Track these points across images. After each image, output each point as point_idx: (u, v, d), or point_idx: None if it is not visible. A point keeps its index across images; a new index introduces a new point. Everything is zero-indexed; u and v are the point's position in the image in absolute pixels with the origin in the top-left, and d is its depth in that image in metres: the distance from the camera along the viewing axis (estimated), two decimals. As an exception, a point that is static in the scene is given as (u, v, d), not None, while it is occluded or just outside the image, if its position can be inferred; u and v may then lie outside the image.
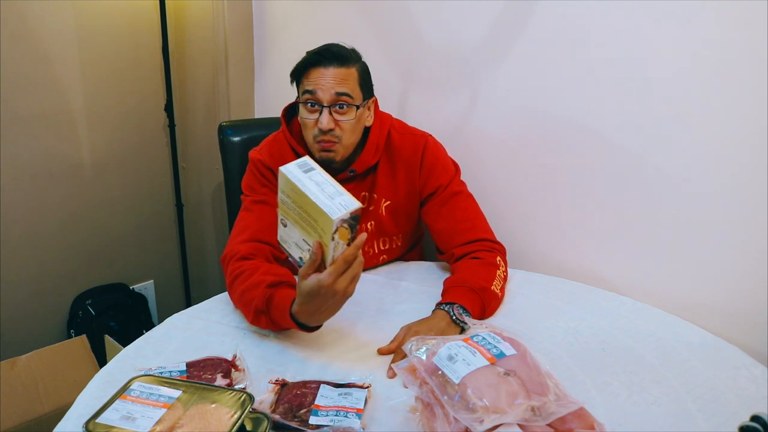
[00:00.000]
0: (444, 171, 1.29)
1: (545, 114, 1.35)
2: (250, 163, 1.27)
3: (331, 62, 1.16)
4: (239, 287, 1.08)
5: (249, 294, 1.05)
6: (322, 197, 0.87)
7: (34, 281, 1.85)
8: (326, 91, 1.15)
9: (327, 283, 0.89)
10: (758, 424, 0.68)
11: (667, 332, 1.11)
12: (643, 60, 1.18)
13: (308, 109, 1.18)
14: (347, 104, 1.16)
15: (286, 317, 0.99)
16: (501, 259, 1.23)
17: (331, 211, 0.85)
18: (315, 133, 1.18)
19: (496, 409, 0.74)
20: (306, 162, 0.93)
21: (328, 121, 1.15)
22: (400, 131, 1.30)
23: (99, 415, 0.75)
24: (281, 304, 1.00)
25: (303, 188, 0.88)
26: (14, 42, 1.64)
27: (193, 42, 2.01)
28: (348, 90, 1.16)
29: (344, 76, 1.16)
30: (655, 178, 1.22)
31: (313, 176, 0.90)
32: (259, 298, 1.03)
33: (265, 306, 1.02)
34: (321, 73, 1.16)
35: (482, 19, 1.40)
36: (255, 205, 1.22)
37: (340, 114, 1.17)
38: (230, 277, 1.12)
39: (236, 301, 1.12)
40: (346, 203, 0.87)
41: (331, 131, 1.16)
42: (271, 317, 1.02)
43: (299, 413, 0.83)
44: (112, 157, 1.96)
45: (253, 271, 1.09)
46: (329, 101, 1.16)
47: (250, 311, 1.05)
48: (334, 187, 0.89)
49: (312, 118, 1.17)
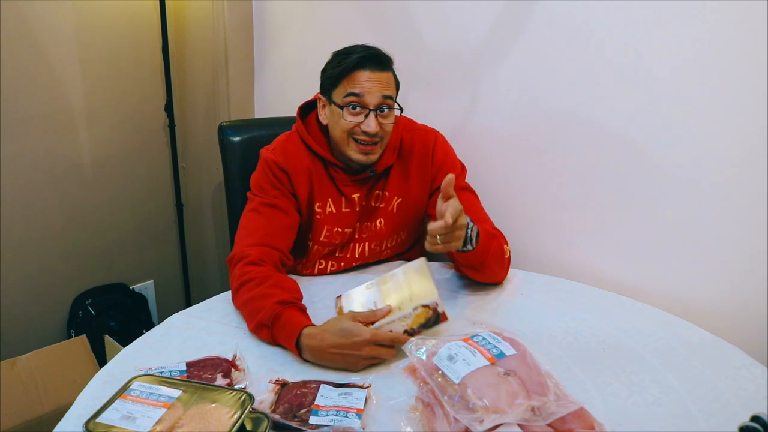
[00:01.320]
0: (453, 166, 1.30)
1: (545, 113, 1.35)
2: (263, 161, 1.26)
3: (377, 66, 1.17)
4: (246, 294, 1.08)
5: (256, 303, 1.05)
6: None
7: (34, 281, 1.85)
8: (374, 95, 1.16)
9: (366, 336, 0.95)
10: (758, 424, 0.68)
11: (667, 332, 1.11)
12: (644, 58, 1.18)
13: (351, 112, 1.18)
14: (390, 107, 1.18)
15: (290, 341, 0.99)
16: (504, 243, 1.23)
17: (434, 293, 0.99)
18: (355, 134, 1.18)
19: (496, 409, 0.74)
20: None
21: (375, 124, 1.17)
22: (410, 129, 1.32)
23: (99, 414, 0.75)
24: (287, 326, 1.00)
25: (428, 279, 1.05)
26: (14, 42, 1.64)
27: (193, 42, 2.01)
28: (392, 93, 1.18)
29: (388, 80, 1.18)
30: (656, 178, 1.22)
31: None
32: (266, 312, 1.02)
33: (270, 322, 1.02)
34: (367, 76, 1.16)
35: (483, 18, 1.40)
36: (265, 208, 1.22)
37: (384, 117, 1.18)
38: (237, 281, 1.11)
39: (240, 306, 1.12)
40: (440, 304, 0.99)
41: (376, 134, 1.18)
42: (273, 334, 1.02)
43: (299, 413, 0.83)
44: (112, 157, 1.96)
45: (261, 281, 1.09)
46: (375, 105, 1.16)
47: (253, 321, 1.05)
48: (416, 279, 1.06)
49: (355, 121, 1.18)
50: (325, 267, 1.32)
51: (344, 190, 1.26)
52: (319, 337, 0.97)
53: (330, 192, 1.27)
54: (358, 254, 1.32)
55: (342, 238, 1.29)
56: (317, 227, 1.27)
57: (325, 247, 1.29)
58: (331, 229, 1.27)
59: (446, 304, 1.11)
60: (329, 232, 1.27)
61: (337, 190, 1.27)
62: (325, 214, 1.27)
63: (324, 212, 1.27)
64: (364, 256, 1.33)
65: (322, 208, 1.26)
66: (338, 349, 0.95)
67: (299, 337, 0.98)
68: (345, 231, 1.28)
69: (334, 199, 1.27)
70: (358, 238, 1.31)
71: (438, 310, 0.97)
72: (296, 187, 1.24)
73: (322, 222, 1.27)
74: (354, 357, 0.95)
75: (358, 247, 1.32)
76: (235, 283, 1.12)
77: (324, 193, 1.26)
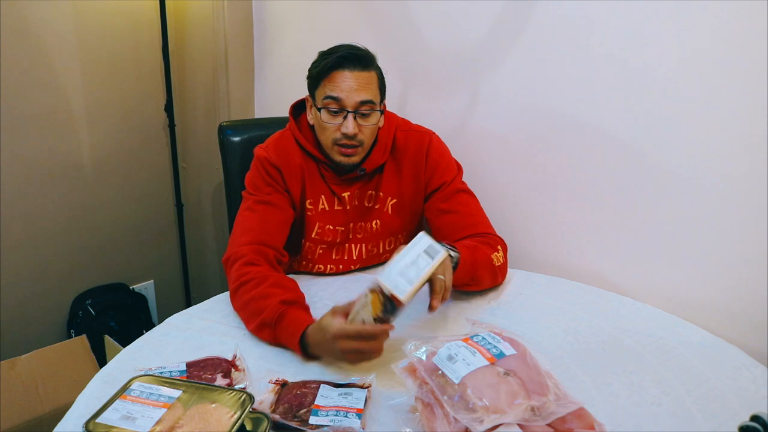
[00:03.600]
0: (448, 168, 1.30)
1: (545, 113, 1.35)
2: (256, 160, 1.26)
3: (355, 66, 1.15)
4: (245, 295, 1.08)
5: (257, 304, 1.05)
6: (396, 266, 0.92)
7: (34, 281, 1.85)
8: (351, 97, 1.14)
9: (333, 331, 0.92)
10: (758, 424, 0.68)
11: (667, 332, 1.11)
12: (644, 59, 1.18)
13: (330, 114, 1.17)
14: (371, 110, 1.17)
15: (293, 341, 0.99)
16: (501, 248, 1.23)
17: (382, 275, 0.90)
18: (336, 137, 1.18)
19: (495, 409, 0.74)
20: (437, 245, 0.95)
21: (353, 126, 1.15)
22: (405, 129, 1.31)
23: (99, 415, 0.75)
24: (291, 326, 1.00)
25: (400, 253, 0.94)
26: (14, 42, 1.64)
27: (193, 42, 2.01)
28: (371, 96, 1.16)
29: (367, 81, 1.16)
30: (656, 177, 1.22)
31: (422, 253, 0.94)
32: (270, 311, 1.02)
33: (273, 321, 1.01)
34: (345, 77, 1.14)
35: (482, 19, 1.40)
36: (259, 206, 1.22)
37: (364, 119, 1.17)
38: (235, 283, 1.11)
39: (239, 308, 1.11)
40: (398, 285, 0.89)
41: (355, 136, 1.17)
42: (276, 334, 1.02)
43: (299, 413, 0.83)
44: (112, 157, 1.96)
45: (261, 281, 1.08)
46: (354, 107, 1.15)
47: (255, 321, 1.05)
48: (418, 273, 0.92)
49: (334, 123, 1.17)
50: (324, 269, 1.32)
51: (334, 189, 1.27)
52: (313, 335, 0.97)
53: (322, 189, 1.27)
54: (355, 256, 1.32)
55: (334, 236, 1.29)
56: (309, 224, 1.27)
57: (317, 245, 1.29)
58: (323, 226, 1.28)
59: (446, 304, 1.10)
60: (321, 229, 1.28)
61: (328, 188, 1.27)
62: (317, 211, 1.27)
63: (316, 209, 1.27)
64: (362, 258, 1.33)
65: (314, 205, 1.27)
66: (323, 344, 0.95)
67: (303, 335, 0.98)
68: (337, 229, 1.28)
69: (327, 196, 1.27)
70: (353, 239, 1.31)
71: (385, 292, 0.89)
72: (288, 183, 1.24)
73: (314, 219, 1.27)
74: (336, 352, 0.94)
75: (355, 249, 1.32)
76: (234, 284, 1.12)
77: (316, 191, 1.26)
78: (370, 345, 0.93)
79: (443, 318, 1.14)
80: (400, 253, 0.95)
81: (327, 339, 0.93)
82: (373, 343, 0.93)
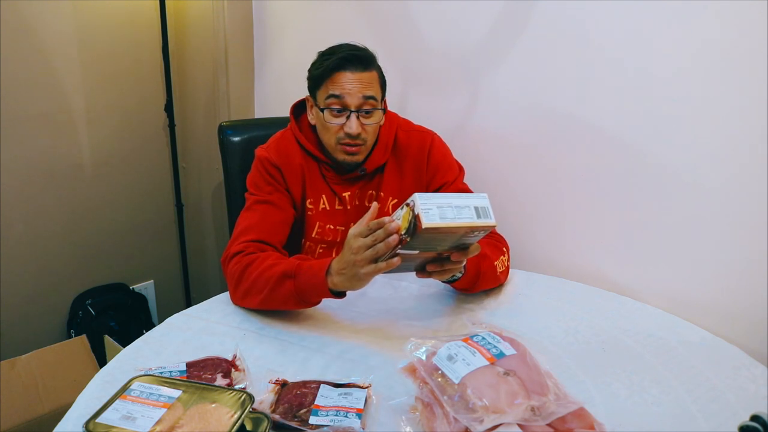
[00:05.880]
0: (450, 168, 1.30)
1: (545, 113, 1.35)
2: (257, 160, 1.27)
3: (357, 66, 1.16)
4: (253, 272, 1.08)
5: (270, 271, 1.06)
6: (441, 199, 0.89)
7: (34, 281, 1.85)
8: (354, 96, 1.15)
9: (348, 235, 0.93)
10: (758, 424, 0.68)
11: (667, 332, 1.11)
12: (644, 59, 1.18)
13: (333, 114, 1.17)
14: (373, 108, 1.17)
15: (319, 275, 0.99)
16: (506, 250, 1.24)
17: (423, 196, 0.87)
18: (340, 137, 1.19)
19: (495, 409, 0.74)
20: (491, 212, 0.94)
21: (357, 126, 1.16)
22: (406, 129, 1.31)
23: (99, 415, 0.75)
24: (315, 266, 1.01)
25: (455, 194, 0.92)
26: (14, 42, 1.64)
27: (193, 42, 2.01)
28: (374, 94, 1.17)
29: (369, 80, 1.17)
30: (656, 178, 1.22)
31: (472, 206, 0.91)
32: (286, 265, 1.04)
33: (293, 271, 1.02)
34: (347, 77, 1.15)
35: (483, 18, 1.40)
36: (259, 206, 1.22)
37: (366, 118, 1.18)
38: (238, 269, 1.10)
39: (248, 288, 1.09)
40: (429, 212, 0.86)
41: (358, 135, 1.17)
42: (297, 281, 1.02)
43: (299, 413, 0.83)
44: (112, 157, 1.96)
45: (264, 259, 1.10)
46: (357, 106, 1.16)
47: (270, 283, 1.05)
48: (454, 217, 0.88)
49: (337, 123, 1.18)
50: None
51: (335, 188, 1.27)
52: (337, 260, 0.98)
53: (323, 189, 1.27)
54: None
55: (334, 236, 1.29)
56: (309, 223, 1.28)
57: (317, 244, 1.29)
58: (323, 226, 1.28)
59: (446, 304, 1.11)
60: (321, 228, 1.28)
61: (329, 188, 1.27)
62: (318, 210, 1.27)
63: (316, 209, 1.27)
64: None
65: (314, 204, 1.27)
66: (344, 263, 0.96)
67: (329, 267, 0.99)
68: (337, 228, 1.29)
69: (328, 196, 1.27)
70: None
71: (414, 210, 0.86)
72: (289, 183, 1.24)
73: (314, 218, 1.27)
74: (350, 259, 0.94)
75: None
76: (235, 275, 1.11)
77: (316, 190, 1.27)
78: (376, 237, 0.91)
79: (443, 318, 1.14)
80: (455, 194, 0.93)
81: (346, 252, 0.95)
82: (384, 245, 0.90)
